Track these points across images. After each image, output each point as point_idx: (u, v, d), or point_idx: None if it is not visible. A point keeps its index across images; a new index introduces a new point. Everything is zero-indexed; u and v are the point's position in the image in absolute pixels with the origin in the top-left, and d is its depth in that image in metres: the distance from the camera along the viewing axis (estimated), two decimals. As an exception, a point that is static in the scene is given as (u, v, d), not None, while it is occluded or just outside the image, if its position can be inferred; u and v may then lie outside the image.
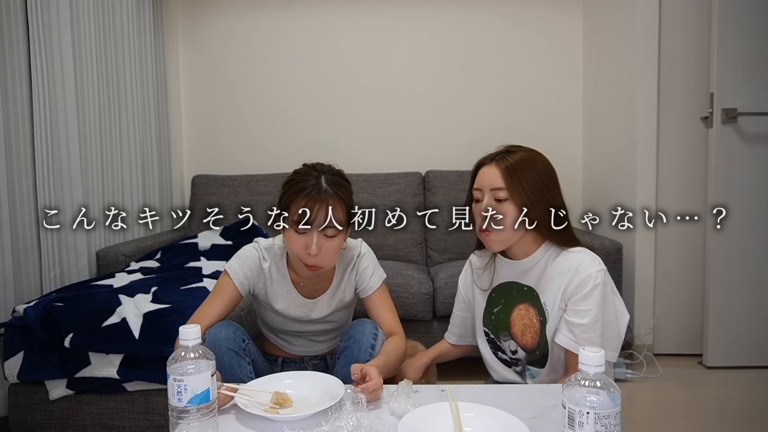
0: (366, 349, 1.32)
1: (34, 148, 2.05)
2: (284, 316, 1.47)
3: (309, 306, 1.46)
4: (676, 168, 2.58)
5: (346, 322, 1.57)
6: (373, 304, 1.46)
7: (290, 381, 1.17)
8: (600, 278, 1.21)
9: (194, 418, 0.91)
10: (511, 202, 1.24)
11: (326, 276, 1.46)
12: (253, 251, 1.44)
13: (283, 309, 1.45)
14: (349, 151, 3.16)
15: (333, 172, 1.36)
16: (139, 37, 2.66)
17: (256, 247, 1.45)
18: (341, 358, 1.35)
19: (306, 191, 1.29)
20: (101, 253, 2.26)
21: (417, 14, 3.11)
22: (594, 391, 0.80)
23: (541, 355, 1.30)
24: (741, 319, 2.43)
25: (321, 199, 1.28)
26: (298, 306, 1.46)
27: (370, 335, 1.34)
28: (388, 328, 1.42)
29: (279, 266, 1.45)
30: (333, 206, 1.29)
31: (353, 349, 1.33)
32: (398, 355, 1.35)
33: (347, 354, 1.33)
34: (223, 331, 1.31)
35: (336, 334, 1.56)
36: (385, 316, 1.44)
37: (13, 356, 1.64)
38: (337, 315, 1.51)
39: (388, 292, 1.49)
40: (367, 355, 1.31)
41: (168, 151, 2.98)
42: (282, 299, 1.45)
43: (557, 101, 3.13)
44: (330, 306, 1.47)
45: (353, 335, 1.34)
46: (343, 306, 1.50)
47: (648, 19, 2.51)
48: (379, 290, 1.46)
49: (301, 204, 1.28)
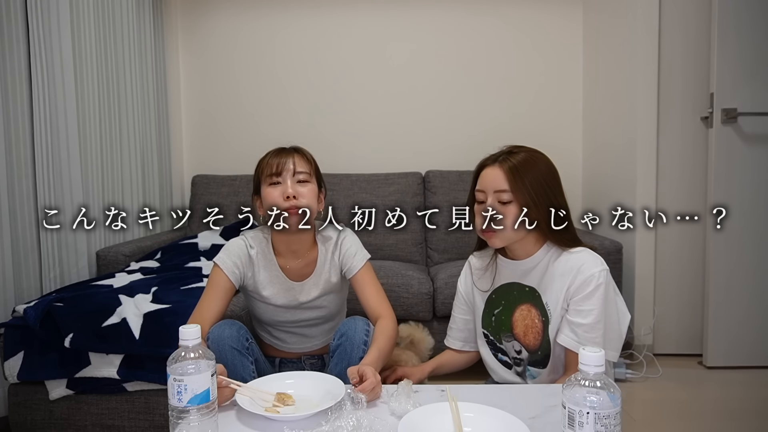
0: (359, 345, 1.34)
1: (34, 148, 2.05)
2: (273, 305, 1.49)
3: (297, 289, 1.49)
4: (676, 168, 2.58)
5: (338, 313, 1.59)
6: (359, 284, 1.48)
7: (291, 381, 1.17)
8: (602, 278, 1.21)
9: (194, 418, 0.91)
10: (514, 204, 1.24)
11: (311, 257, 1.50)
12: (239, 241, 1.49)
13: (270, 295, 1.48)
14: (349, 151, 3.16)
15: None
16: (139, 38, 2.66)
17: (242, 237, 1.50)
18: (335, 356, 1.36)
19: (271, 154, 1.45)
20: (101, 253, 2.26)
21: (417, 14, 3.11)
22: (594, 391, 0.80)
23: (542, 356, 1.30)
24: (741, 319, 2.43)
25: (285, 153, 1.44)
26: (286, 290, 1.49)
27: (362, 332, 1.35)
28: (375, 308, 1.44)
29: (265, 252, 1.49)
30: (298, 158, 1.43)
31: (346, 346, 1.34)
32: (389, 339, 1.37)
33: (340, 352, 1.34)
34: (227, 330, 1.33)
35: (328, 326, 1.57)
36: (371, 296, 1.46)
37: (13, 356, 1.64)
38: (326, 299, 1.53)
39: (373, 272, 1.51)
40: (360, 352, 1.32)
41: (168, 151, 2.98)
42: (270, 285, 1.48)
43: (557, 101, 3.13)
44: (317, 287, 1.50)
45: (345, 332, 1.36)
46: (330, 288, 1.52)
47: (648, 19, 2.51)
48: (363, 269, 1.48)
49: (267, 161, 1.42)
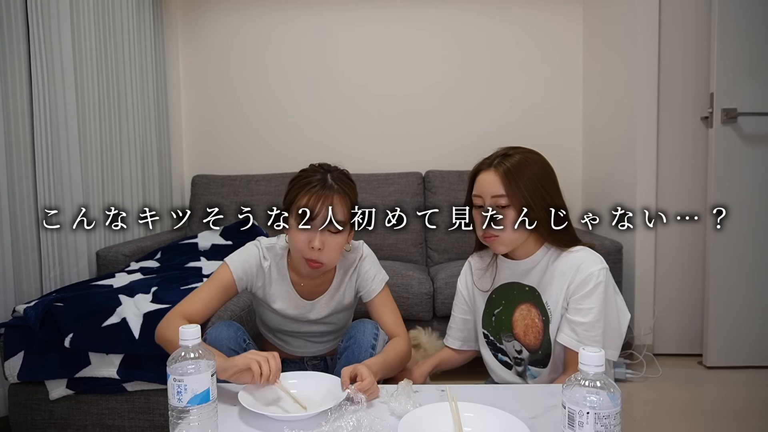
0: (366, 349, 1.32)
1: (34, 148, 2.05)
2: (282, 316, 1.47)
3: (307, 307, 1.46)
4: (676, 168, 2.58)
5: (345, 325, 1.56)
6: (376, 307, 1.45)
7: (295, 381, 1.17)
8: (602, 276, 1.21)
9: (194, 418, 0.91)
10: (512, 208, 1.23)
11: (326, 278, 1.45)
12: (254, 249, 1.43)
13: (281, 309, 1.45)
14: (349, 151, 3.16)
15: (339, 171, 1.36)
16: (139, 37, 2.66)
17: (257, 245, 1.44)
18: (342, 359, 1.35)
19: (311, 185, 1.29)
20: (101, 253, 2.26)
21: (417, 15, 3.11)
22: (594, 391, 0.80)
23: (543, 355, 1.30)
24: (741, 319, 2.43)
25: (325, 194, 1.28)
26: (296, 307, 1.46)
27: (371, 335, 1.34)
28: (391, 330, 1.41)
29: (279, 266, 1.44)
30: (337, 202, 1.29)
31: (354, 349, 1.33)
32: (399, 355, 1.35)
33: (348, 354, 1.33)
34: (225, 331, 1.33)
35: (334, 336, 1.55)
36: (388, 319, 1.43)
37: (13, 356, 1.64)
38: (336, 317, 1.50)
39: (390, 294, 1.48)
40: (367, 355, 1.31)
41: (168, 151, 2.98)
42: (281, 299, 1.45)
43: (557, 101, 3.13)
44: (328, 307, 1.47)
45: (354, 335, 1.34)
46: (341, 308, 1.49)
47: (648, 19, 2.51)
48: (382, 293, 1.45)
49: (305, 199, 1.28)
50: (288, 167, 3.09)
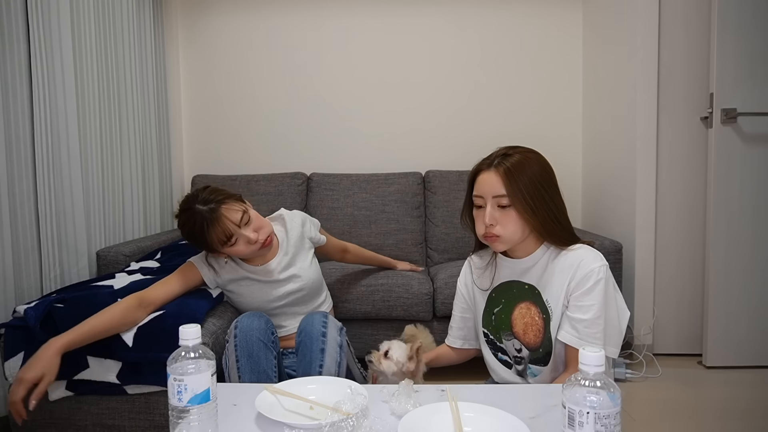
0: (317, 337, 1.42)
1: (34, 148, 2.05)
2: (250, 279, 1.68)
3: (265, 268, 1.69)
4: (676, 168, 2.58)
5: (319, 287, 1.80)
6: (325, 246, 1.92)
7: (313, 386, 1.14)
8: (602, 273, 1.21)
9: (194, 418, 0.90)
10: (513, 207, 1.24)
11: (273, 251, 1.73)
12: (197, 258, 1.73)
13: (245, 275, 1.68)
14: (349, 151, 3.16)
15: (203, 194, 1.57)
16: (139, 37, 2.66)
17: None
18: (298, 354, 1.44)
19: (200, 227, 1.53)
20: (101, 253, 2.26)
21: (416, 15, 3.11)
22: (594, 390, 0.80)
23: (544, 353, 1.29)
24: (741, 319, 2.43)
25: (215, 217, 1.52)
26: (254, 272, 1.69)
27: (320, 324, 1.44)
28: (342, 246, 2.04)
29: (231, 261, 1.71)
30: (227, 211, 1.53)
31: (306, 342, 1.42)
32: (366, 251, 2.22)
33: (302, 349, 1.43)
34: (256, 321, 1.43)
35: (316, 302, 1.78)
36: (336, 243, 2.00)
37: (13, 356, 1.63)
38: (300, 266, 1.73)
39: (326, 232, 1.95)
40: (320, 343, 1.41)
41: (168, 151, 2.98)
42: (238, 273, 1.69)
43: (557, 101, 3.14)
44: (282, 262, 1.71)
45: (304, 328, 1.46)
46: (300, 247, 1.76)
47: (648, 19, 2.51)
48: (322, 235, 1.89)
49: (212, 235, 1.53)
50: (288, 167, 3.09)
